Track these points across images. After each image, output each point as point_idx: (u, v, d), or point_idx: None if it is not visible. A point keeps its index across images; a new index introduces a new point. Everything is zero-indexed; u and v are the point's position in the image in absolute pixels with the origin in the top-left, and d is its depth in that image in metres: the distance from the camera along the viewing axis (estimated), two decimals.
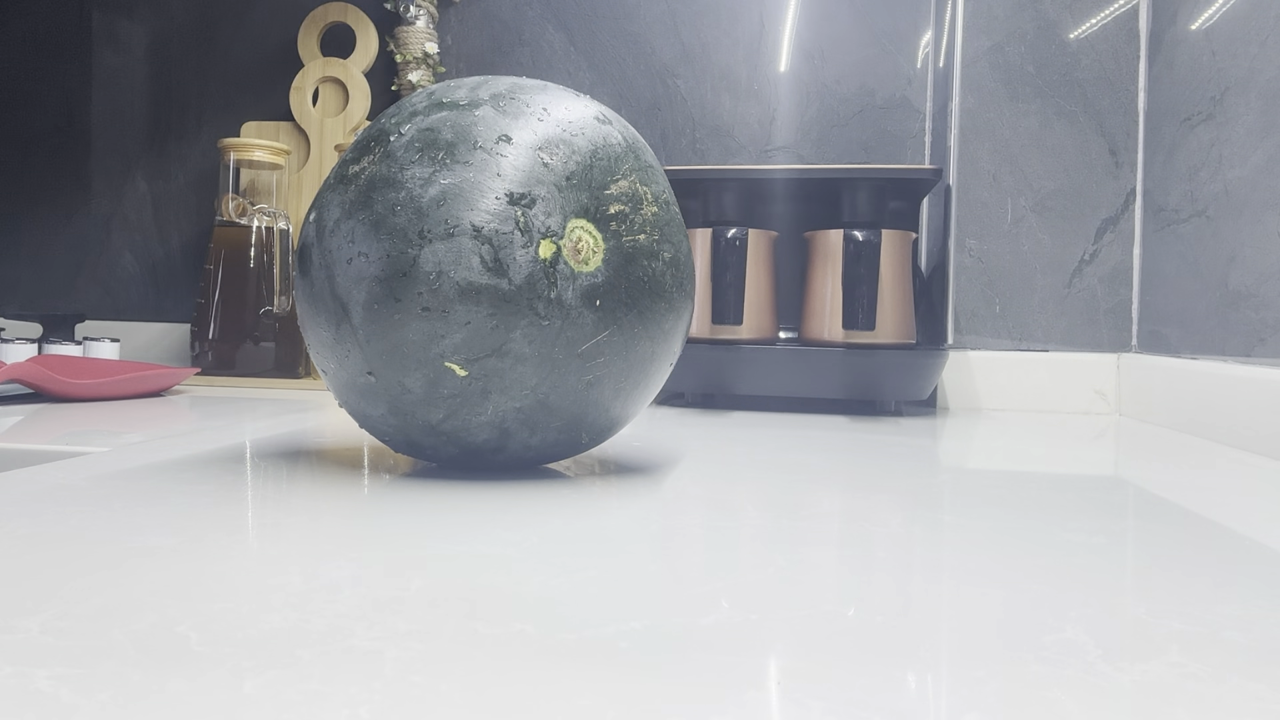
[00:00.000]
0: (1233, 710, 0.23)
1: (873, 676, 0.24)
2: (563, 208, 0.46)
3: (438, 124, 0.47)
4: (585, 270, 0.46)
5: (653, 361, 0.50)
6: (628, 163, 0.50)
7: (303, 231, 0.50)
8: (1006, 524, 0.43)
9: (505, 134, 0.47)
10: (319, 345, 0.49)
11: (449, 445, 0.49)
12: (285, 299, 1.12)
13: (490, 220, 0.45)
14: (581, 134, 0.49)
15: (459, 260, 0.44)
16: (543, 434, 0.49)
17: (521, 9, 1.19)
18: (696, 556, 0.36)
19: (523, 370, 0.46)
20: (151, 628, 0.26)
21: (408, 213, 0.45)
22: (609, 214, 0.48)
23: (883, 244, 0.92)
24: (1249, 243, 0.78)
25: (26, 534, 0.37)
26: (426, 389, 0.46)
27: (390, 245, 0.45)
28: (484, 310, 0.44)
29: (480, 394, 0.46)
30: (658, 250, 0.49)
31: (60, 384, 0.87)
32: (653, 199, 0.50)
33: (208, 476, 0.51)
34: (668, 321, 0.50)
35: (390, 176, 0.46)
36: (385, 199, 0.46)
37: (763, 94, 1.13)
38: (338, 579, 0.32)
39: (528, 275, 0.45)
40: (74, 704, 0.21)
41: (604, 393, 0.49)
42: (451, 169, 0.45)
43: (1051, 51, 1.03)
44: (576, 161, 0.47)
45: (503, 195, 0.45)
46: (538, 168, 0.46)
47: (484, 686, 0.23)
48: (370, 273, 0.45)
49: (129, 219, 1.32)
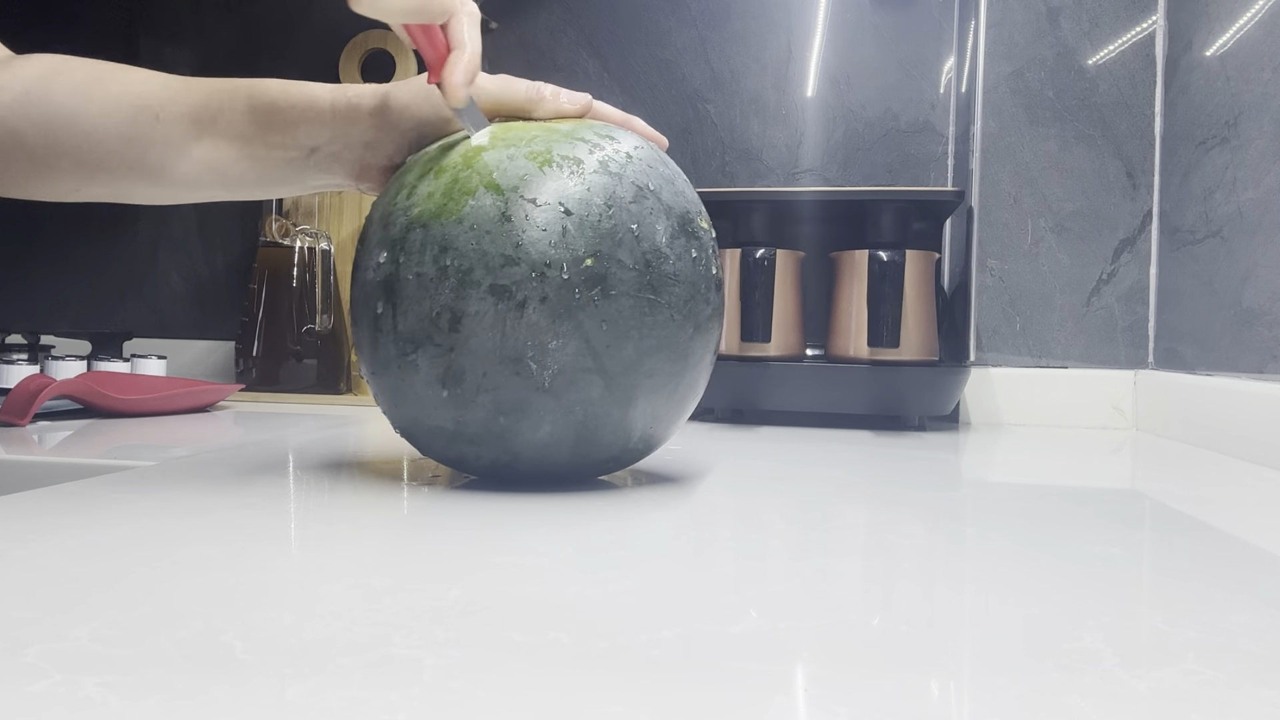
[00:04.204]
0: (1247, 716, 0.23)
1: (897, 684, 0.24)
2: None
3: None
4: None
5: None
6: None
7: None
8: (1027, 536, 0.44)
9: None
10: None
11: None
12: (327, 317, 1.16)
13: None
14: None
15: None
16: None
17: (556, 35, 1.22)
18: (726, 567, 0.37)
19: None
20: (197, 636, 0.27)
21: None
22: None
23: (907, 264, 0.93)
24: (1262, 262, 0.80)
25: (76, 545, 0.37)
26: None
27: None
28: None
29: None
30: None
31: (109, 399, 0.89)
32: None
33: (252, 489, 0.51)
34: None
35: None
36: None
37: (790, 118, 1.16)
38: (378, 589, 0.32)
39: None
40: (122, 710, 0.22)
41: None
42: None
43: (1070, 77, 1.05)
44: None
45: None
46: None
47: (519, 693, 0.23)
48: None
49: (175, 240, 1.36)
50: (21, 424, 0.81)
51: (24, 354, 1.04)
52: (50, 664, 0.24)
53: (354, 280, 0.53)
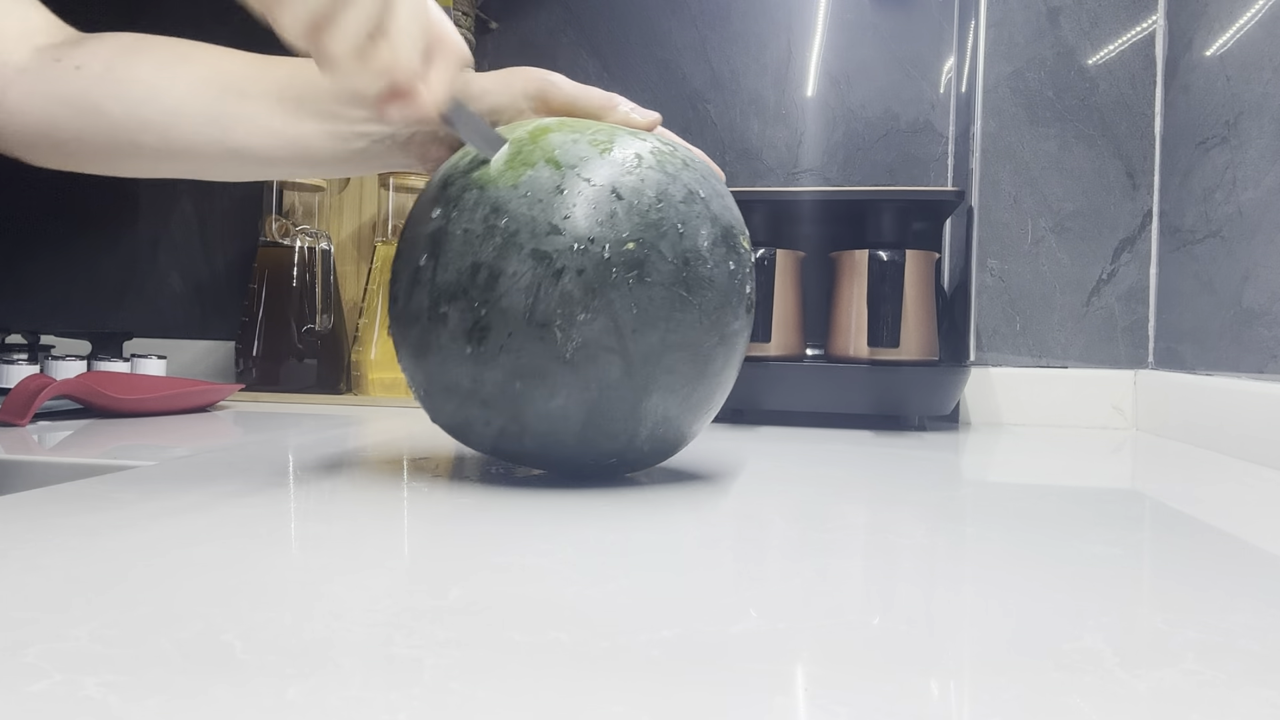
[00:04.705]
0: (1247, 716, 0.23)
1: (897, 684, 0.24)
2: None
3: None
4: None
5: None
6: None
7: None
8: (1027, 536, 0.44)
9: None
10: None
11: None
12: (327, 317, 1.16)
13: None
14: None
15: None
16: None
17: (556, 35, 1.22)
18: (726, 566, 0.37)
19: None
20: (197, 636, 0.27)
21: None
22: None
23: (907, 264, 0.94)
24: (1262, 262, 0.80)
25: (76, 545, 0.37)
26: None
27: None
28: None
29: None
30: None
31: (109, 399, 0.89)
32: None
33: (251, 489, 0.51)
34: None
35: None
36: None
37: (790, 118, 1.16)
38: (378, 589, 0.32)
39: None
40: (122, 710, 0.22)
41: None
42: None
43: (1071, 77, 1.05)
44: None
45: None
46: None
47: (520, 693, 0.23)
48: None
49: (175, 240, 1.36)
50: (21, 424, 0.81)
51: (24, 354, 1.04)
52: (50, 664, 0.24)
53: (402, 236, 0.54)
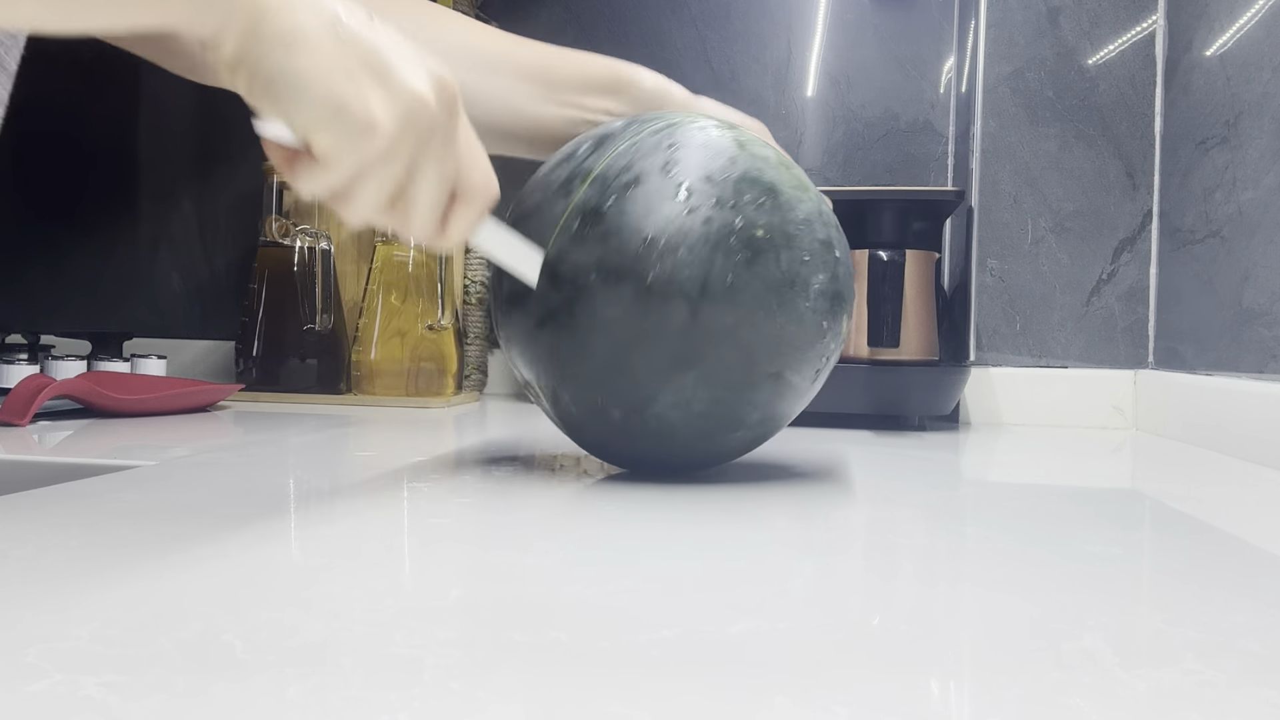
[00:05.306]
0: (1247, 716, 0.23)
1: (897, 684, 0.24)
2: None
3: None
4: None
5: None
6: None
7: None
8: (1027, 535, 0.44)
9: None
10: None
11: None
12: (327, 317, 1.16)
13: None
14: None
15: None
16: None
17: (555, 36, 1.22)
18: (726, 566, 0.37)
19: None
20: (197, 636, 0.27)
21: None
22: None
23: (907, 264, 0.94)
24: (1262, 262, 0.80)
25: (76, 545, 0.37)
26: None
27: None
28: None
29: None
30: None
31: (109, 399, 0.89)
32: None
33: (252, 488, 0.51)
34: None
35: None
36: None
37: (790, 118, 1.16)
38: (378, 588, 0.32)
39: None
40: (122, 710, 0.22)
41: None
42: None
43: (1071, 77, 1.05)
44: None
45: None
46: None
47: (520, 693, 0.23)
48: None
49: (175, 240, 1.36)
50: (21, 424, 0.81)
51: (24, 354, 1.04)
52: (50, 664, 0.24)
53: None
